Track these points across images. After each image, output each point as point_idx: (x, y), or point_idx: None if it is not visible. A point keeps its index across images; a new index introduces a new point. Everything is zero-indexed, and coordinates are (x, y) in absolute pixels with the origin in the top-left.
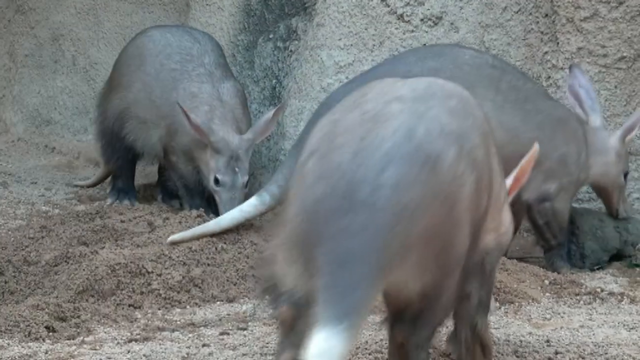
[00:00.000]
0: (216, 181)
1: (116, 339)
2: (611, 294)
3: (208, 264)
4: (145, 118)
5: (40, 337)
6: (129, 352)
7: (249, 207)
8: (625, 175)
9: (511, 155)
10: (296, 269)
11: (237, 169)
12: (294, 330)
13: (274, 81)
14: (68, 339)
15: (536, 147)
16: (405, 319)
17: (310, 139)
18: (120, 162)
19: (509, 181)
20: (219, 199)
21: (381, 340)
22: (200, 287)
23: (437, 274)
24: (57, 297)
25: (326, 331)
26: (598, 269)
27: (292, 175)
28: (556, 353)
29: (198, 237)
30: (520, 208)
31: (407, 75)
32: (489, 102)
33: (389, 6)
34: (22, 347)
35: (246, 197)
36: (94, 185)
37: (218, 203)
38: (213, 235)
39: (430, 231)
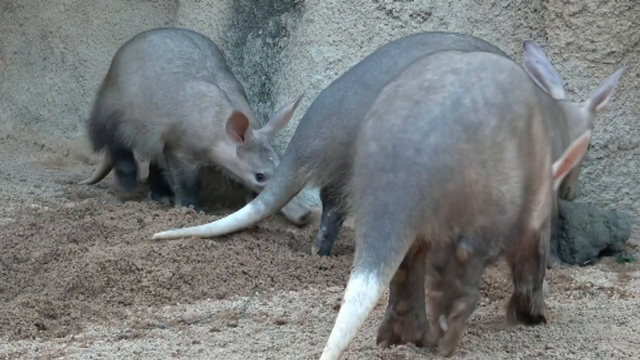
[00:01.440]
0: (259, 177)
1: (106, 336)
2: (601, 288)
3: (198, 261)
4: (144, 120)
5: (31, 334)
6: (119, 349)
7: (244, 215)
8: (588, 147)
9: None
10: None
11: (271, 158)
12: (406, 284)
13: (263, 77)
14: (58, 337)
15: (589, 132)
16: (470, 239)
17: (376, 100)
18: (112, 150)
19: (558, 162)
20: None
21: (371, 336)
22: (190, 284)
23: (479, 227)
24: (47, 294)
25: (362, 277)
26: (588, 264)
27: (287, 182)
28: (546, 348)
29: (185, 237)
30: None
31: (393, 69)
32: None
33: (378, 2)
34: (12, 344)
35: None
36: (96, 181)
37: None
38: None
39: (463, 191)
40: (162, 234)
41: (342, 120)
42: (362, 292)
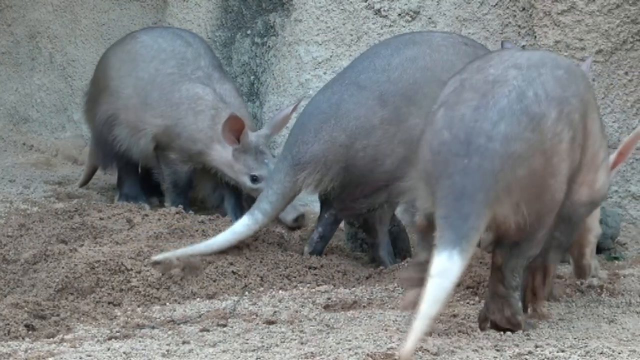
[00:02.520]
0: (254, 179)
1: (96, 337)
2: (591, 286)
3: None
4: (137, 123)
5: (20, 335)
6: (108, 349)
7: (242, 227)
8: None
9: None
10: (424, 194)
11: (266, 161)
12: (427, 237)
13: (252, 77)
14: (48, 337)
15: None
16: (505, 245)
17: (442, 92)
18: (118, 166)
19: (613, 155)
20: None
21: (361, 335)
22: (179, 284)
23: (534, 213)
24: (36, 295)
25: (446, 253)
26: None
27: (284, 189)
28: (536, 346)
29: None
30: None
31: (387, 69)
32: None
33: (366, 1)
34: (2, 345)
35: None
36: (85, 183)
37: None
38: (193, 235)
39: (529, 178)
40: (160, 256)
41: (341, 122)
42: (447, 268)
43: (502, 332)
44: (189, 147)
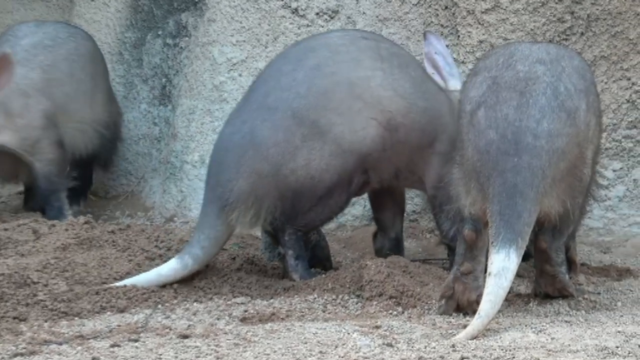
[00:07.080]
0: None
1: (0, 354)
2: (518, 295)
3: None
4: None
5: None
6: None
7: (169, 270)
8: None
9: (411, 126)
10: (471, 198)
11: None
12: (473, 247)
13: (163, 80)
14: None
15: None
16: (547, 231)
17: (472, 91)
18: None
19: None
20: None
21: (279, 348)
22: (88, 298)
23: (571, 199)
24: None
25: (504, 252)
26: None
27: (216, 234)
28: (462, 358)
29: None
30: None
31: (293, 85)
32: (379, 72)
33: (283, 0)
34: None
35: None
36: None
37: None
38: (102, 245)
39: (569, 169)
40: None
41: (260, 151)
42: (505, 267)
43: (426, 344)
44: None
